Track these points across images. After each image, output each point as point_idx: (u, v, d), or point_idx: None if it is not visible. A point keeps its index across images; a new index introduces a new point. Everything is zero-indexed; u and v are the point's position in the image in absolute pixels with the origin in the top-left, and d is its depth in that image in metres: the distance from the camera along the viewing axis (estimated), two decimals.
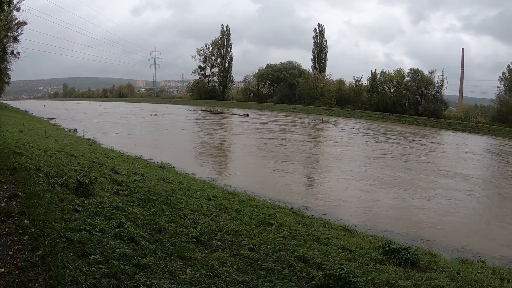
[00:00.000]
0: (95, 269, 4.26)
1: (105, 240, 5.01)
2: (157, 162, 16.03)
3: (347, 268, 5.40)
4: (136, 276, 4.34)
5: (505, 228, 13.26)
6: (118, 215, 6.09)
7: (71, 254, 4.46)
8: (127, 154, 18.06)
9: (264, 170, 19.11)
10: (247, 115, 61.65)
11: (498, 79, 74.07)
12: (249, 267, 5.44)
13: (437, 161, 27.54)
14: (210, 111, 67.81)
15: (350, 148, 30.19)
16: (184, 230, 6.24)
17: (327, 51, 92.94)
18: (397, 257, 7.17)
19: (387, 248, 7.53)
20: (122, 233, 5.34)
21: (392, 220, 12.62)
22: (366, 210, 13.43)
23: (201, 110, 70.30)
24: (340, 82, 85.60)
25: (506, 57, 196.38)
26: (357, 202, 14.43)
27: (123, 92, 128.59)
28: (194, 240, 5.92)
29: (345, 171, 20.30)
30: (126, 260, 4.64)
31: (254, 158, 22.51)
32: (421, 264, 7.23)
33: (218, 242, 6.06)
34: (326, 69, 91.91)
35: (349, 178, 18.58)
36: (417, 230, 11.69)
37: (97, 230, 5.26)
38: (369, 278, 5.86)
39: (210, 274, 4.86)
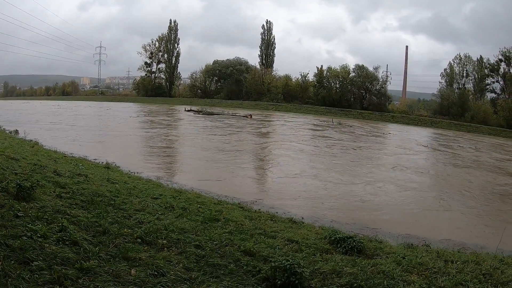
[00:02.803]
0: (37, 276, 4.16)
1: (47, 245, 4.89)
2: (102, 163, 15.68)
3: (292, 260, 5.50)
4: (80, 280, 4.28)
5: (449, 212, 14.11)
6: (60, 218, 5.94)
7: (13, 262, 4.33)
8: (71, 155, 17.55)
9: (213, 165, 19.13)
10: (251, 116, 53.92)
11: (440, 75, 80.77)
12: (195, 264, 5.47)
13: (382, 152, 28.60)
14: (199, 112, 58.58)
15: (298, 142, 30.70)
16: (129, 230, 6.19)
17: (275, 47, 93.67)
18: (343, 245, 7.41)
19: (333, 238, 7.75)
20: (64, 237, 5.22)
21: (339, 210, 13.03)
22: (314, 202, 13.80)
23: (185, 110, 61.11)
24: (287, 78, 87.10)
25: (441, 54, 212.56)
26: (305, 195, 14.77)
27: (67, 90, 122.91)
28: (139, 240, 5.88)
29: (293, 164, 20.67)
30: (69, 264, 4.57)
31: (204, 154, 22.44)
32: (367, 251, 7.50)
33: (164, 241, 6.05)
34: (273, 65, 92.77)
35: (298, 171, 18.94)
36: (363, 219, 12.18)
37: (39, 235, 5.11)
38: (315, 267, 6.06)
39: (156, 273, 4.87)
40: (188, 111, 60.74)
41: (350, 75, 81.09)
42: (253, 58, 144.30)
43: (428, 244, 9.54)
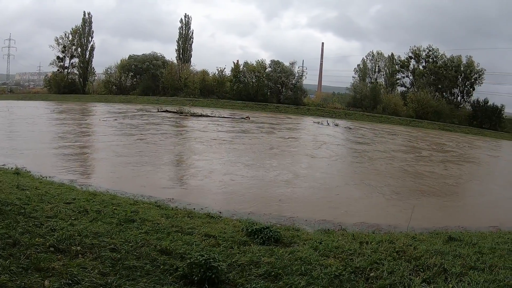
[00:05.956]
0: None
1: None
2: (12, 168, 14.85)
3: (208, 255, 5.71)
4: None
5: (363, 196, 15.22)
6: None
7: None
8: None
9: (130, 164, 18.81)
10: (248, 118, 48.85)
11: (353, 70, 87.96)
12: (110, 268, 5.48)
13: (294, 144, 29.60)
14: (180, 113, 50.27)
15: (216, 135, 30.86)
16: (41, 239, 6.01)
17: (192, 42, 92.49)
18: (260, 236, 7.74)
19: (250, 229, 8.07)
20: None
21: (256, 202, 13.34)
22: (231, 196, 14.09)
23: (158, 111, 52.72)
24: (204, 72, 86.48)
25: (348, 51, 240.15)
26: (222, 189, 15.00)
27: None
28: (52, 249, 5.75)
29: (210, 158, 20.83)
30: None
31: (121, 154, 21.89)
32: (285, 240, 7.88)
33: (78, 247, 5.97)
34: (191, 60, 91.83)
35: (214, 165, 19.15)
36: (280, 209, 12.58)
37: None
38: (233, 260, 6.32)
39: (70, 282, 4.83)
40: (162, 111, 52.04)
41: (267, 70, 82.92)
42: (169, 53, 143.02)
43: (344, 228, 10.21)
